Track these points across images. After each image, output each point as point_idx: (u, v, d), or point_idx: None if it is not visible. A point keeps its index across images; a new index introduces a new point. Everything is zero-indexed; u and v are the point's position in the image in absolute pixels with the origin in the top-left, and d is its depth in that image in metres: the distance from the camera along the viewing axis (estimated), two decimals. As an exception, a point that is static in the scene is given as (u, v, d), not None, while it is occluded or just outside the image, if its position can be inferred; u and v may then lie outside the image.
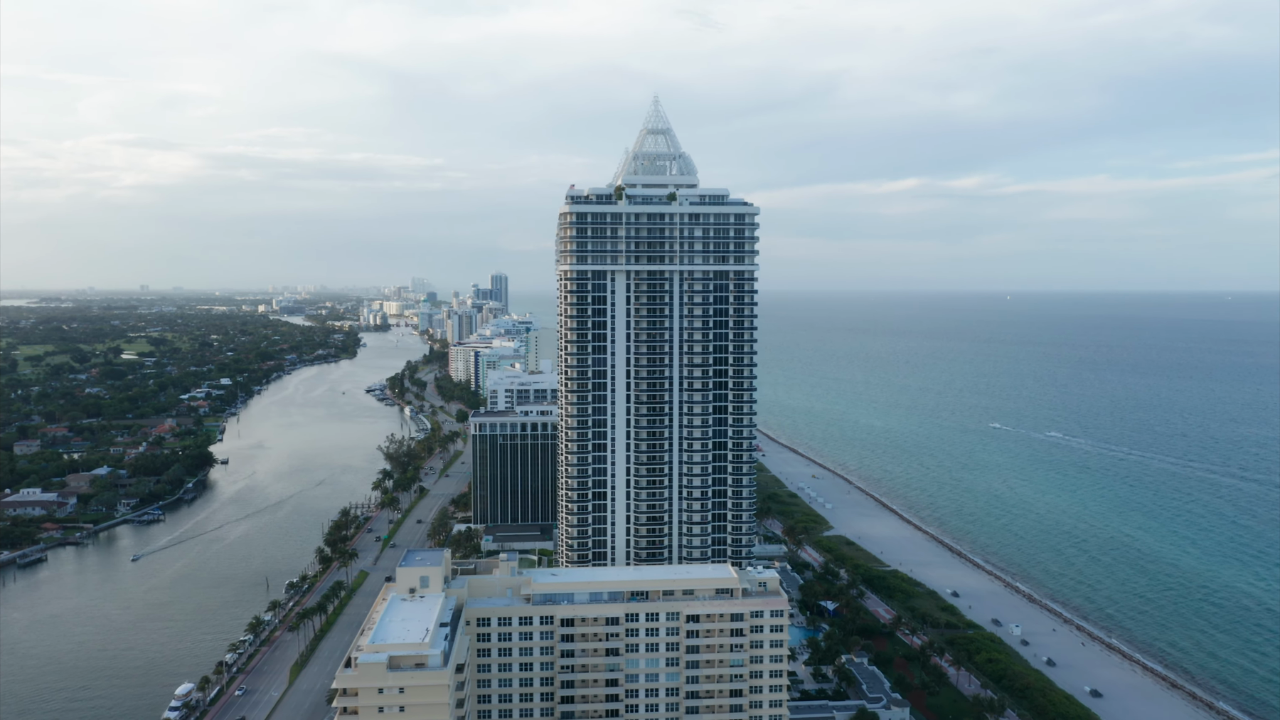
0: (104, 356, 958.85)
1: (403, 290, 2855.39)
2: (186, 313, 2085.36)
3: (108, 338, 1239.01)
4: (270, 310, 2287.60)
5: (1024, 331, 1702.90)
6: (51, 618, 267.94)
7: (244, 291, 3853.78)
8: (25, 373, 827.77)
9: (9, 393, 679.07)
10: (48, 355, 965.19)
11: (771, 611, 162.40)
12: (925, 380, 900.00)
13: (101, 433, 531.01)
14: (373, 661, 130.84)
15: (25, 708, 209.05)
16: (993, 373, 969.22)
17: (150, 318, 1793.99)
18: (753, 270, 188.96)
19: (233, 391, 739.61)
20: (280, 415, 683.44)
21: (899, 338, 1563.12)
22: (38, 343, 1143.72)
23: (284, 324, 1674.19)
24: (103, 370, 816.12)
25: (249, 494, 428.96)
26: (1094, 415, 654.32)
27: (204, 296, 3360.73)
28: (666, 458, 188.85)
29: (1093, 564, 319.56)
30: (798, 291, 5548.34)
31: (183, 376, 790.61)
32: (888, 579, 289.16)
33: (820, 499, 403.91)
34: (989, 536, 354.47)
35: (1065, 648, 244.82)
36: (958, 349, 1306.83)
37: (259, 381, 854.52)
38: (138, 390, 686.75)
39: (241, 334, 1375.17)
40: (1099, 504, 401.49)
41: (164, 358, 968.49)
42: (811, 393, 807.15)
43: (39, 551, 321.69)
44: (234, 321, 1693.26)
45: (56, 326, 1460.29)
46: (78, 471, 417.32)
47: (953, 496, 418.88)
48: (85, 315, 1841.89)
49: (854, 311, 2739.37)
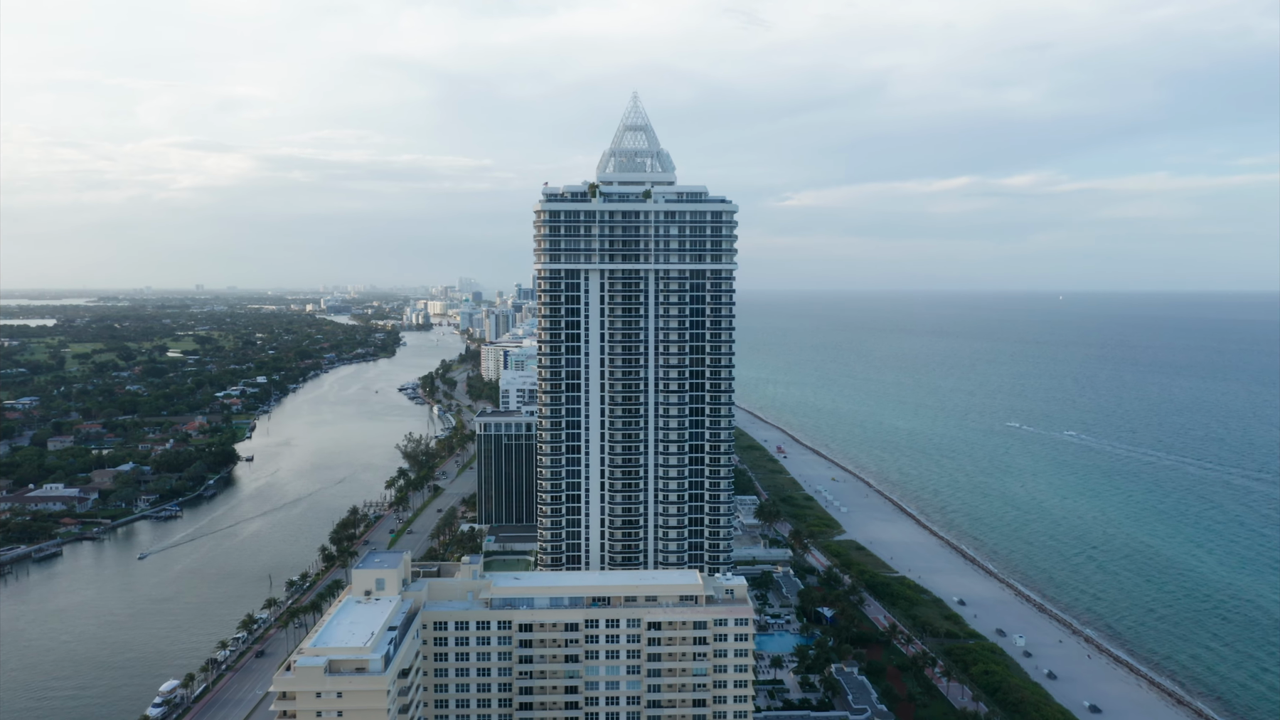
0: (148, 355, 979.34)
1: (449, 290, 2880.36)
2: (236, 312, 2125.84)
3: (156, 336, 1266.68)
4: (317, 309, 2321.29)
5: (1071, 332, 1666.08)
6: (58, 611, 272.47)
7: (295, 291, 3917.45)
8: (72, 370, 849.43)
9: (52, 390, 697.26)
10: (95, 353, 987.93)
11: (736, 620, 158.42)
12: (960, 382, 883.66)
13: (134, 429, 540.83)
14: (310, 665, 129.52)
15: (14, 698, 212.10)
16: (1032, 374, 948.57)
17: (200, 316, 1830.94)
18: (731, 270, 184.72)
19: (266, 389, 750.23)
20: (311, 413, 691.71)
21: (941, 338, 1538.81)
22: (89, 341, 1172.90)
23: (328, 323, 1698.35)
24: (145, 368, 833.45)
25: (268, 491, 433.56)
26: (1130, 418, 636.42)
27: (256, 296, 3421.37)
28: (642, 460, 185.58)
29: (1107, 572, 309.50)
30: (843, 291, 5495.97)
31: (221, 374, 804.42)
32: (892, 585, 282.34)
33: (836, 502, 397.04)
34: (1004, 543, 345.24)
35: (1069, 660, 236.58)
36: (1000, 350, 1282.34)
37: (295, 380, 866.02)
38: (174, 388, 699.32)
39: (286, 333, 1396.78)
40: (1122, 510, 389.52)
41: (206, 356, 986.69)
42: (843, 394, 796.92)
43: (55, 546, 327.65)
44: (280, 320, 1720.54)
45: (109, 325, 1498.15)
46: (104, 467, 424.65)
47: (972, 501, 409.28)
48: (139, 314, 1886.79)
49: (899, 312, 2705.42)
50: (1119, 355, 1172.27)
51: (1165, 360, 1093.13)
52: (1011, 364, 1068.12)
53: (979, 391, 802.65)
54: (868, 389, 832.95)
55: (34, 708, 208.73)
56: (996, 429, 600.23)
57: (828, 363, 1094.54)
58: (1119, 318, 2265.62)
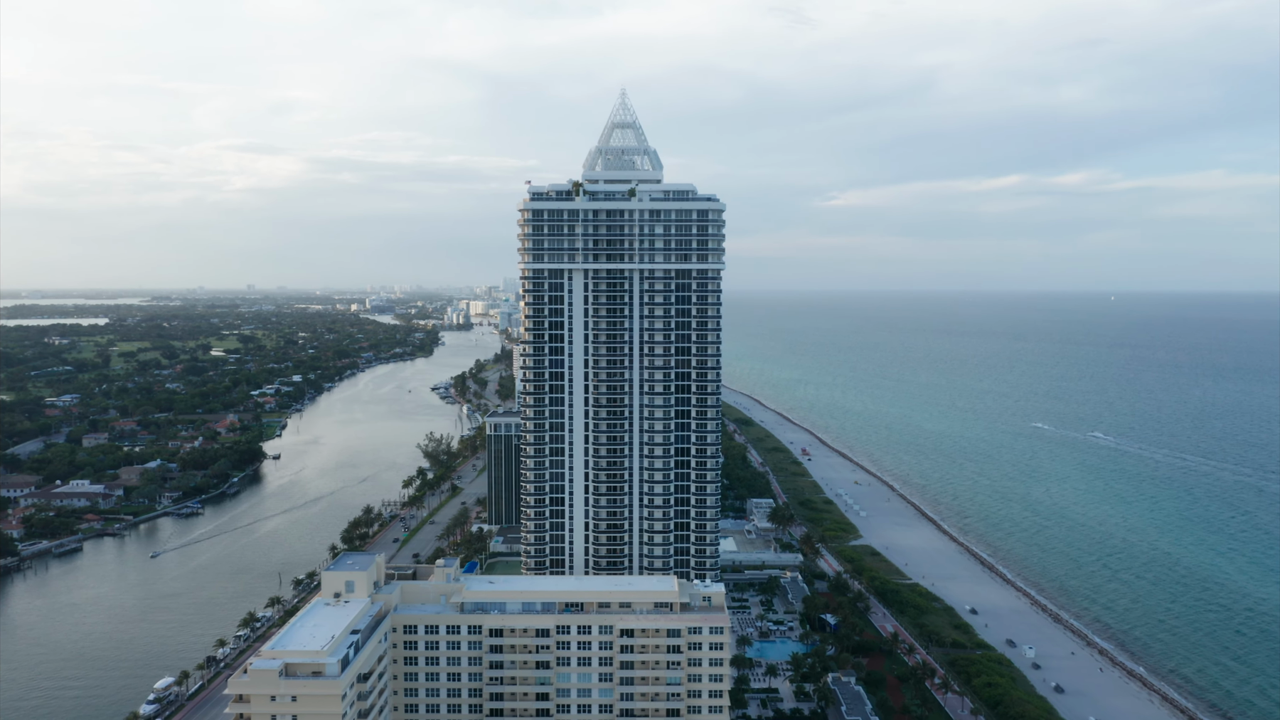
0: (191, 354, 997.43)
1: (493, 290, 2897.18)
2: (283, 311, 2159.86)
3: (202, 335, 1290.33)
4: (362, 309, 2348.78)
5: (1121, 334, 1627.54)
6: (70, 605, 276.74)
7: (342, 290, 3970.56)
8: (117, 368, 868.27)
9: (94, 387, 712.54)
10: (140, 351, 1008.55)
11: (711, 629, 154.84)
12: (996, 383, 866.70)
13: (167, 427, 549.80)
14: (265, 668, 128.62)
15: (15, 691, 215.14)
16: (1072, 376, 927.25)
17: (247, 316, 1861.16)
18: (718, 269, 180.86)
19: (301, 388, 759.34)
20: (343, 412, 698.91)
21: (983, 339, 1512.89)
22: (137, 340, 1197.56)
23: (370, 322, 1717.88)
24: (186, 366, 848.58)
25: (291, 489, 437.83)
26: (1169, 422, 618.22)
27: (305, 295, 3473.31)
28: (626, 463, 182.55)
29: (1126, 581, 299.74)
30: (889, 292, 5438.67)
31: (258, 373, 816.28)
32: (903, 592, 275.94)
33: (856, 506, 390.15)
34: (1027, 550, 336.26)
35: (1080, 673, 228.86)
36: (1042, 351, 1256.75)
37: (331, 379, 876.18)
38: (211, 386, 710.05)
39: (329, 332, 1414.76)
40: (1148, 517, 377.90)
41: (247, 355, 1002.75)
42: (876, 395, 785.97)
43: (75, 541, 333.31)
44: (324, 320, 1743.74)
45: (157, 324, 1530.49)
46: (132, 464, 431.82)
47: (998, 506, 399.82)
48: (189, 314, 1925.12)
49: (944, 313, 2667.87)
50: (1167, 357, 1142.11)
51: (1215, 363, 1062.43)
52: (1052, 366, 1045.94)
53: (1014, 393, 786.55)
54: (902, 390, 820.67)
55: (32, 702, 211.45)
56: (1026, 432, 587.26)
57: (864, 364, 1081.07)
58: (1171, 319, 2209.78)
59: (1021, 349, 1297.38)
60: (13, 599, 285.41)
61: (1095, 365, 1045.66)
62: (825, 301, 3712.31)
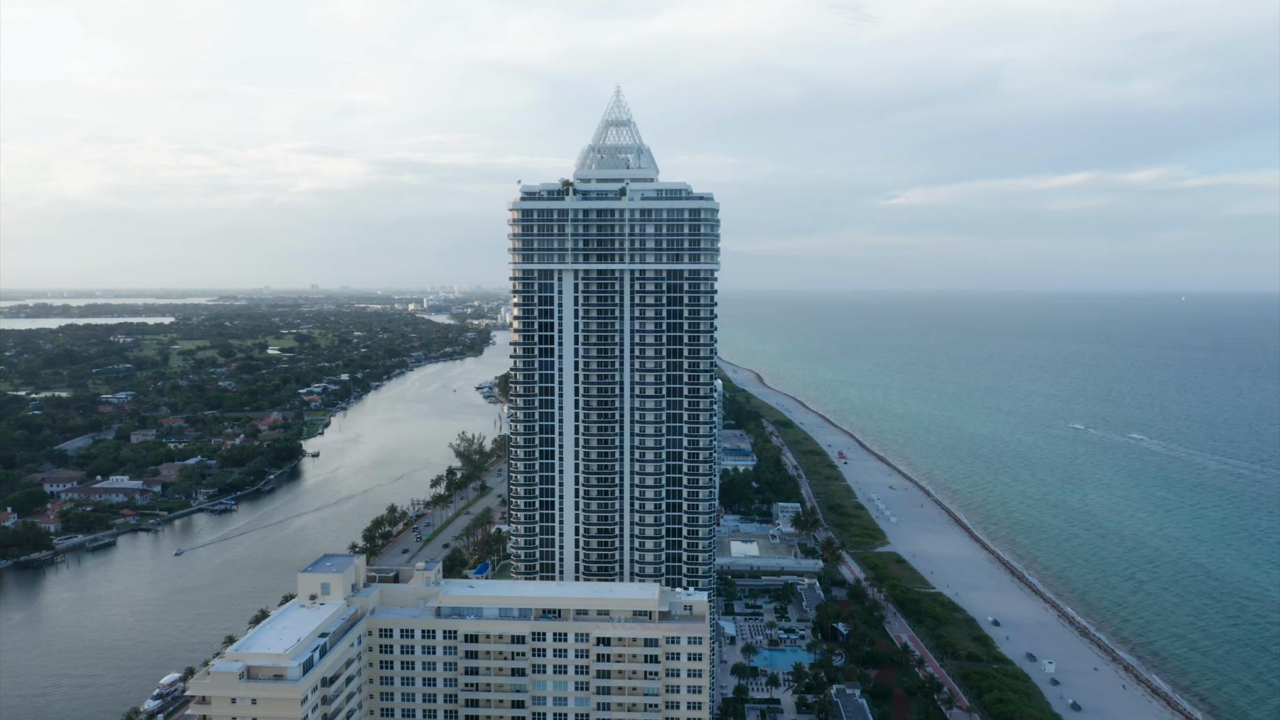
0: (247, 352, 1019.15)
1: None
2: (342, 310, 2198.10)
3: (261, 334, 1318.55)
4: (419, 309, 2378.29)
5: (1189, 336, 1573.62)
6: (95, 599, 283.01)
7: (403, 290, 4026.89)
8: (175, 366, 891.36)
9: (149, 385, 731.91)
10: (199, 350, 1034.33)
11: (689, 639, 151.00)
12: (1050, 386, 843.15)
13: (213, 424, 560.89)
14: (227, 670, 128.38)
15: (31, 683, 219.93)
16: (1133, 379, 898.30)
17: (308, 315, 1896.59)
18: (711, 270, 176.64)
19: (347, 386, 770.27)
20: (386, 410, 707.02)
21: (1041, 340, 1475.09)
22: (198, 338, 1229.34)
23: (425, 322, 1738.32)
24: (240, 365, 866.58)
25: (325, 487, 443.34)
26: (1226, 427, 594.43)
27: (366, 295, 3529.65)
28: (617, 467, 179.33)
29: (1163, 595, 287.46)
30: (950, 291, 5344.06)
31: (309, 371, 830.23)
32: (923, 602, 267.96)
33: (888, 511, 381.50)
34: (1061, 559, 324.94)
35: (1101, 690, 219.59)
36: (1103, 354, 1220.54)
37: (379, 377, 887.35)
38: (261, 384, 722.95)
39: (383, 331, 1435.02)
40: (1189, 527, 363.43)
41: (301, 353, 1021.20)
42: (924, 397, 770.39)
43: (110, 536, 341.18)
44: (380, 319, 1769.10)
45: (219, 323, 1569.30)
46: (173, 461, 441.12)
47: (1032, 512, 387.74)
48: (251, 313, 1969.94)
49: (1004, 313, 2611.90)
50: (1233, 360, 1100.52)
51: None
52: (1109, 368, 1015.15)
53: (1070, 396, 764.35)
54: (950, 392, 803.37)
55: (44, 694, 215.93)
56: (1073, 436, 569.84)
57: (915, 365, 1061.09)
58: (1243, 320, 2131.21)
59: (1080, 351, 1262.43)
60: (43, 591, 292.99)
61: (1155, 368, 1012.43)
62: (883, 302, 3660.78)
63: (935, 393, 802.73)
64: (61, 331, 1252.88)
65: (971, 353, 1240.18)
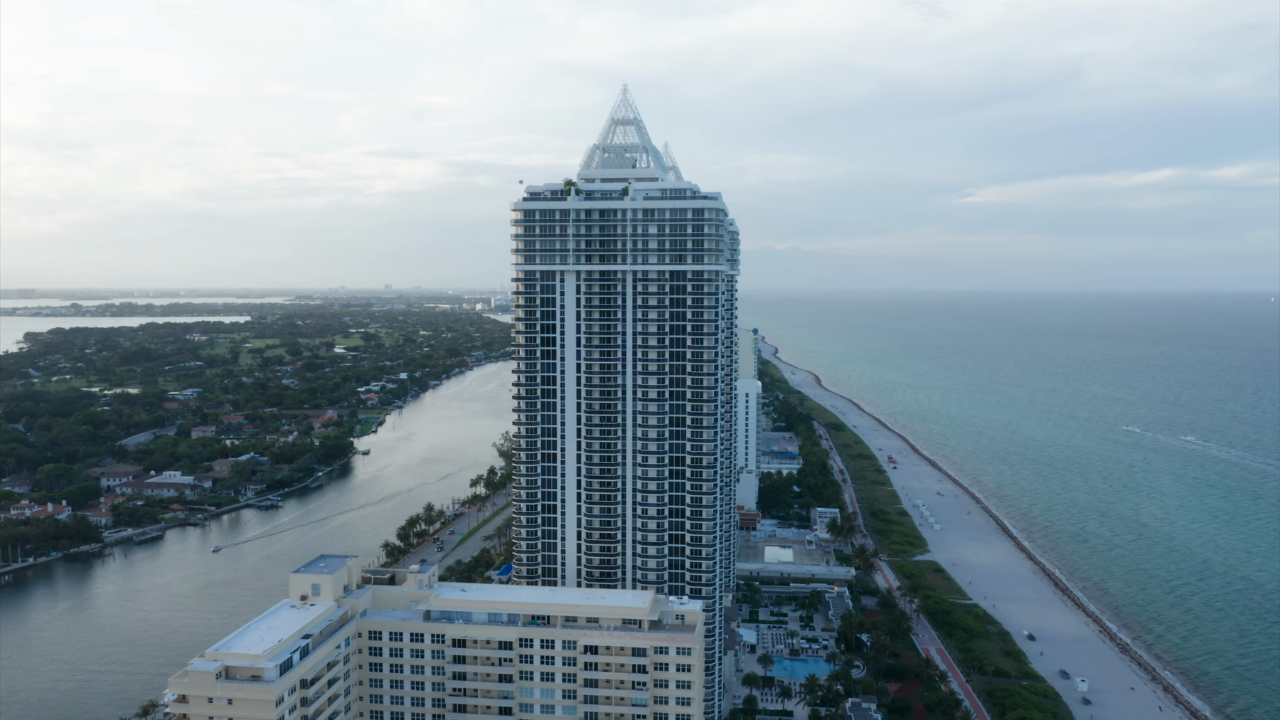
0: (314, 350, 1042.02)
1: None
2: (411, 310, 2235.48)
3: (331, 333, 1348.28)
4: (486, 308, 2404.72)
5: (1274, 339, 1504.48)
6: (136, 591, 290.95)
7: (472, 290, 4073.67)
8: (244, 364, 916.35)
9: (216, 383, 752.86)
10: (269, 348, 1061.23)
11: (678, 649, 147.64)
12: (1121, 390, 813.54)
13: (271, 421, 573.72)
14: (205, 669, 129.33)
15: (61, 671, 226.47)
16: (1206, 383, 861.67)
17: (378, 315, 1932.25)
18: (717, 270, 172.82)
19: (405, 385, 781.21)
20: (441, 409, 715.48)
21: (1117, 342, 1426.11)
22: (270, 337, 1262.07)
23: (490, 321, 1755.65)
24: (305, 363, 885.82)
25: (372, 485, 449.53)
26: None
27: (437, 295, 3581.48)
28: (619, 472, 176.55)
29: (1209, 611, 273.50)
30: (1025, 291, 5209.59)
31: (370, 370, 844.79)
32: (956, 614, 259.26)
33: (932, 518, 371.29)
34: (1108, 572, 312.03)
35: (1135, 712, 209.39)
36: (1178, 355, 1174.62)
37: (438, 376, 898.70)
38: (322, 382, 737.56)
39: (448, 330, 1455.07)
40: (1252, 539, 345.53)
41: (365, 352, 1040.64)
42: (985, 400, 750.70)
43: (157, 530, 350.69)
44: (447, 319, 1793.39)
45: (292, 322, 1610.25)
46: (227, 457, 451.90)
47: (1087, 522, 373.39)
48: (324, 312, 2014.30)
49: (1081, 314, 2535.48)
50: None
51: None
52: (1183, 371, 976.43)
53: (1138, 401, 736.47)
54: (1014, 395, 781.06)
55: (71, 685, 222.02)
56: (1141, 442, 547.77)
57: (980, 367, 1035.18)
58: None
59: (1154, 353, 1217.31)
60: (89, 583, 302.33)
61: (1232, 371, 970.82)
62: (953, 302, 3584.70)
63: (997, 395, 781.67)
64: (141, 330, 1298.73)
65: (1041, 354, 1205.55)
